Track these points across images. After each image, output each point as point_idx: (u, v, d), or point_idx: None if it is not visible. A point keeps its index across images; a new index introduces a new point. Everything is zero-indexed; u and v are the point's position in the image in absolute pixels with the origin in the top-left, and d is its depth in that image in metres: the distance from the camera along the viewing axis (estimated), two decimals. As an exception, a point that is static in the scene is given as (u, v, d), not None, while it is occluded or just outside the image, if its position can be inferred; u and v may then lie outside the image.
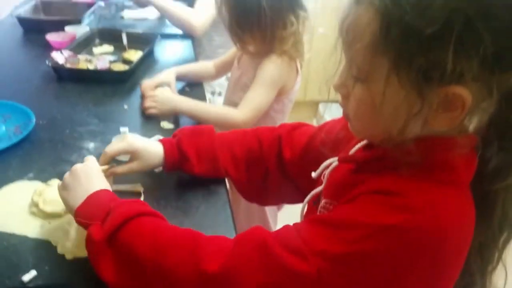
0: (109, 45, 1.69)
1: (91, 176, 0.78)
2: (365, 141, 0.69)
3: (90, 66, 1.49)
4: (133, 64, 1.50)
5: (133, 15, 2.11)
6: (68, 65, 1.47)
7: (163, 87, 1.33)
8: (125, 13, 2.12)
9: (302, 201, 0.80)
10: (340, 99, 0.64)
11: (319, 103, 3.09)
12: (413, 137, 0.57)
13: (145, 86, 1.33)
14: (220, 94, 1.91)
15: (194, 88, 1.49)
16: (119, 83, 1.45)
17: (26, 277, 0.73)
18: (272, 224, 1.56)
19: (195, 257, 0.61)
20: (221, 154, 0.94)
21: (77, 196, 0.74)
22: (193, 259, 0.61)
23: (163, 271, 0.63)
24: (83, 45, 1.65)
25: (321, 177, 0.76)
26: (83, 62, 1.50)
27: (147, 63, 1.61)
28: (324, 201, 0.71)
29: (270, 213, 1.54)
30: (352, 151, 0.71)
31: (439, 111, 0.54)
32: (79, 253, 0.77)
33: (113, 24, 2.00)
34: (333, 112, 0.76)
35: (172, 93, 1.33)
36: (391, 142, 0.58)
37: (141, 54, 1.58)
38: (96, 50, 1.65)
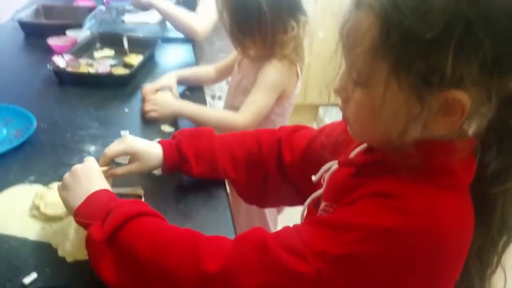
0: (110, 49, 1.69)
1: (91, 176, 0.78)
2: (365, 145, 0.70)
3: (91, 70, 1.50)
4: (133, 68, 1.50)
5: (134, 19, 2.11)
6: (69, 69, 1.47)
7: (164, 91, 1.34)
8: (126, 17, 2.13)
9: (302, 204, 0.80)
10: (340, 103, 0.65)
11: (319, 106, 3.10)
12: (412, 141, 0.57)
13: (146, 90, 1.34)
14: (220, 98, 1.91)
15: (194, 92, 1.50)
16: (120, 87, 1.45)
17: (26, 280, 0.73)
18: (272, 227, 1.56)
19: (195, 257, 0.61)
20: (220, 155, 0.94)
21: (77, 196, 0.74)
22: (193, 259, 0.61)
23: (163, 271, 0.63)
24: (84, 49, 1.65)
25: (321, 180, 0.76)
26: (84, 66, 1.51)
27: (147, 67, 1.62)
28: (324, 204, 0.71)
29: (270, 216, 1.54)
30: (352, 155, 0.71)
31: (438, 115, 0.54)
32: (79, 256, 0.78)
33: (114, 28, 2.01)
34: (333, 115, 0.76)
35: (172, 97, 1.34)
36: (391, 145, 0.58)
37: (141, 58, 1.58)
38: (97, 54, 1.65)
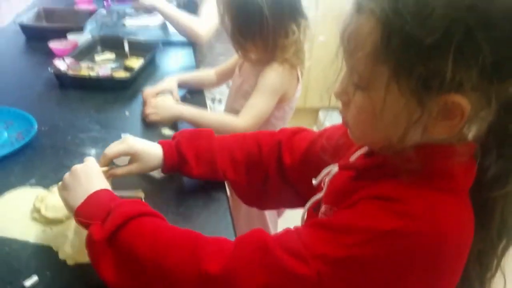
0: (111, 52, 1.69)
1: (91, 176, 0.78)
2: (365, 148, 0.70)
3: (92, 73, 1.50)
4: (134, 71, 1.50)
5: (134, 23, 2.12)
6: (70, 72, 1.48)
7: (164, 95, 1.34)
8: (126, 21, 2.13)
9: (301, 206, 0.81)
10: (340, 106, 0.65)
11: (319, 110, 3.10)
12: (413, 144, 0.57)
13: (146, 93, 1.34)
14: (220, 101, 1.91)
15: (194, 95, 1.50)
16: (120, 90, 1.45)
17: (27, 283, 0.73)
18: (272, 230, 1.56)
19: (196, 258, 0.62)
20: (220, 156, 0.94)
21: (77, 196, 0.74)
22: (193, 260, 0.62)
23: (163, 271, 0.63)
24: (85, 52, 1.66)
25: (321, 184, 0.76)
26: (85, 69, 1.52)
27: (148, 70, 1.62)
28: (324, 207, 0.72)
29: (270, 219, 1.54)
30: (352, 158, 0.71)
31: (438, 119, 0.55)
32: (80, 259, 0.78)
33: (115, 31, 2.01)
34: (334, 119, 0.77)
35: (173, 100, 1.34)
36: (391, 149, 0.59)
37: (142, 61, 1.59)
38: (98, 57, 1.66)
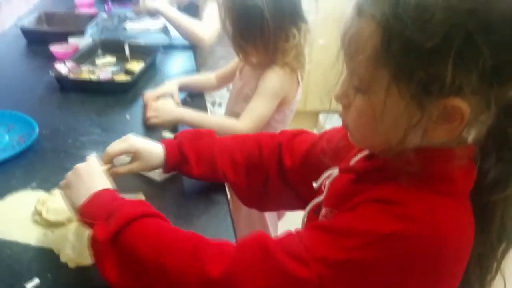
0: (112, 56, 1.70)
1: (93, 175, 0.79)
2: (365, 152, 0.70)
3: (92, 76, 1.50)
4: (135, 74, 1.51)
5: (135, 26, 2.12)
6: (71, 76, 1.48)
7: (165, 98, 1.35)
8: (127, 24, 2.14)
9: (302, 208, 0.81)
10: (340, 109, 0.65)
11: (319, 113, 3.10)
12: (412, 147, 0.58)
13: (147, 96, 1.35)
14: (220, 104, 1.92)
15: (195, 98, 1.50)
16: (121, 93, 1.46)
17: (29, 285, 0.73)
18: (273, 233, 1.56)
19: (197, 260, 0.62)
20: (220, 157, 0.94)
21: (80, 194, 0.75)
22: (195, 262, 0.62)
23: (165, 273, 0.63)
24: (86, 56, 1.66)
25: (321, 187, 0.77)
26: (86, 72, 1.52)
27: (149, 74, 1.62)
28: (324, 210, 0.72)
29: (271, 221, 1.54)
30: (352, 162, 0.71)
31: (438, 123, 0.55)
32: (81, 262, 0.78)
33: (116, 35, 2.01)
34: (334, 122, 0.77)
35: (173, 103, 1.35)
36: (391, 152, 0.59)
37: (143, 65, 1.59)
38: (98, 61, 1.66)
